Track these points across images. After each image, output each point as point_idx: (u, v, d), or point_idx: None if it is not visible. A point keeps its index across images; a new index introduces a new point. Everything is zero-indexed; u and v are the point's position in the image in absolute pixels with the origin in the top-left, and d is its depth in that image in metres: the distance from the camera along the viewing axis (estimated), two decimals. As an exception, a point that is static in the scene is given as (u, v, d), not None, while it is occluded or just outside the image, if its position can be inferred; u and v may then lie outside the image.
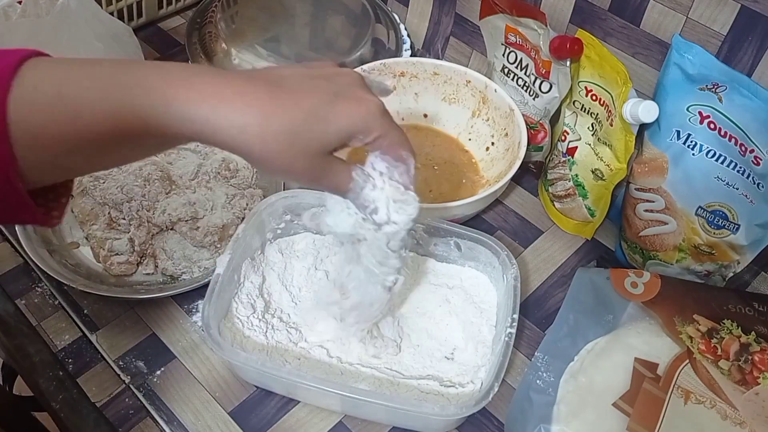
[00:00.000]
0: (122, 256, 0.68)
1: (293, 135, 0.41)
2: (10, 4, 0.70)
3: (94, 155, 0.42)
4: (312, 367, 0.61)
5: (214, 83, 0.40)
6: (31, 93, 0.38)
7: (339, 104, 0.43)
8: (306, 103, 0.42)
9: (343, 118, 0.43)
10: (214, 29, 0.87)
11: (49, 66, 0.40)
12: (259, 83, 0.41)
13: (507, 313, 0.59)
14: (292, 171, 0.43)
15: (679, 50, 0.64)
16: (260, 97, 0.40)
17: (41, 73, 0.39)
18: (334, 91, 0.43)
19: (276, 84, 0.42)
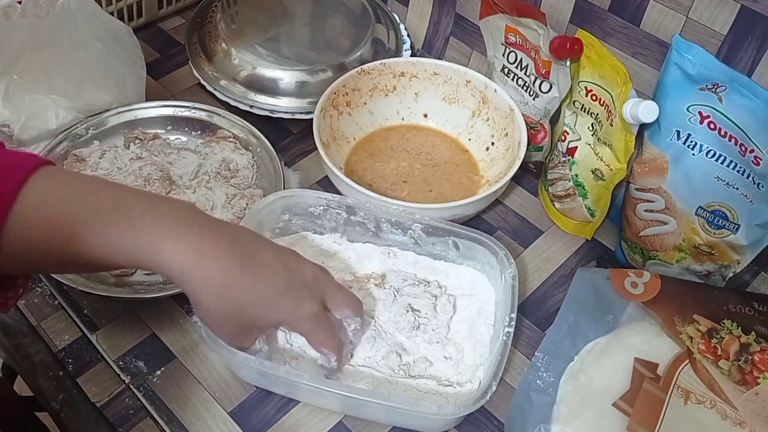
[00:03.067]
0: (122, 256, 0.68)
1: (241, 308, 0.49)
2: (10, 4, 0.70)
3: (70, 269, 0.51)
4: (311, 366, 0.61)
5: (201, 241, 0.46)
6: (32, 213, 0.42)
7: (284, 300, 0.51)
8: (262, 288, 0.49)
9: (280, 313, 0.51)
10: (214, 29, 0.87)
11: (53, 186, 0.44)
12: (236, 254, 0.48)
13: (505, 312, 0.59)
14: (221, 329, 0.52)
15: (679, 50, 0.64)
16: (231, 268, 0.47)
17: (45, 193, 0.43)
18: (286, 285, 0.51)
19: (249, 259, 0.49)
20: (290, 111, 0.83)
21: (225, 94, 0.83)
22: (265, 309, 0.50)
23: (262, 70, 0.83)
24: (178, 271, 0.46)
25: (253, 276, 0.49)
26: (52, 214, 0.43)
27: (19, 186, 0.42)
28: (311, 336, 0.55)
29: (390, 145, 0.81)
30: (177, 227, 0.45)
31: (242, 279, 0.48)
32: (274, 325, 0.53)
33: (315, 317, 0.53)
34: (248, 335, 0.53)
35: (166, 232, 0.45)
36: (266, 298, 0.50)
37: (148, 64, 0.82)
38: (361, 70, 0.79)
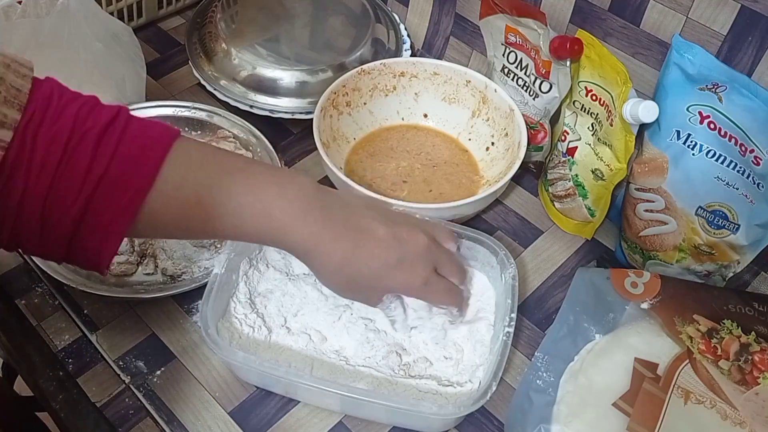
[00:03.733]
0: (122, 256, 0.68)
1: (354, 280, 0.54)
2: (10, 4, 0.70)
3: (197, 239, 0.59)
4: (311, 366, 0.61)
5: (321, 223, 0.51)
6: (172, 191, 0.45)
7: (396, 272, 0.54)
8: (375, 264, 0.53)
9: (393, 283, 0.55)
10: (214, 29, 0.87)
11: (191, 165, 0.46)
12: (350, 233, 0.52)
13: (505, 312, 0.59)
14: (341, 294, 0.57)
15: (679, 50, 0.64)
16: (346, 247, 0.52)
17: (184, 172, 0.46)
18: (398, 257, 0.54)
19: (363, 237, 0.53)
20: (290, 111, 0.83)
21: (225, 94, 0.83)
22: (377, 282, 0.54)
23: (262, 70, 0.83)
24: (302, 251, 0.51)
25: (367, 253, 0.53)
26: (191, 195, 0.46)
27: (159, 162, 0.44)
28: (427, 300, 0.59)
29: (390, 145, 0.81)
30: (303, 213, 0.50)
31: (356, 257, 0.52)
32: (388, 293, 0.57)
33: (426, 284, 0.56)
34: (371, 297, 0.57)
35: (293, 218, 0.50)
36: (378, 272, 0.54)
37: (148, 64, 0.82)
38: (361, 70, 0.79)
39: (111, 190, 0.42)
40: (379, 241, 0.53)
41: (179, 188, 0.45)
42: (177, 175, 0.45)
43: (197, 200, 0.46)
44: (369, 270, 0.53)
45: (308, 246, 0.51)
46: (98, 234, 0.43)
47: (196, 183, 0.46)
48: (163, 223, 0.46)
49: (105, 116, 0.44)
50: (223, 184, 0.48)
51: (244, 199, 0.48)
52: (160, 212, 0.45)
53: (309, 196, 0.51)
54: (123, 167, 0.43)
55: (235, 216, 0.48)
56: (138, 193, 0.43)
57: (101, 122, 0.43)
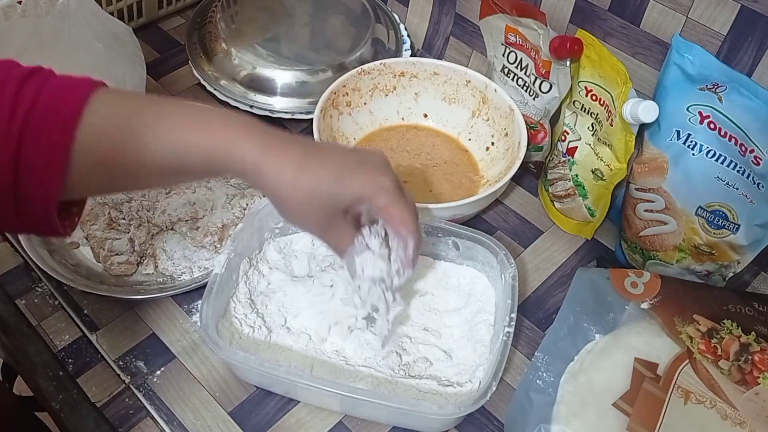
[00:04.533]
0: (122, 256, 0.68)
1: (316, 189, 0.49)
2: (10, 4, 0.70)
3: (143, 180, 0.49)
4: (311, 366, 0.61)
5: (265, 136, 0.48)
6: (101, 122, 0.43)
7: (358, 173, 0.50)
8: (332, 166, 0.49)
9: (357, 185, 0.50)
10: (214, 29, 0.87)
11: (118, 99, 0.45)
12: (299, 144, 0.49)
13: (505, 312, 0.59)
14: (308, 218, 0.51)
15: (679, 50, 0.64)
16: (298, 154, 0.48)
17: (112, 106, 0.44)
18: (357, 162, 0.50)
19: (312, 148, 0.50)
20: (290, 111, 0.83)
21: (225, 94, 0.83)
22: (339, 185, 0.49)
23: (262, 70, 0.83)
24: (250, 164, 0.47)
25: (321, 158, 0.49)
26: (122, 123, 0.44)
27: (85, 98, 0.43)
28: (391, 211, 0.51)
29: (390, 145, 0.81)
30: (244, 127, 0.47)
31: (311, 162, 0.48)
32: (354, 201, 0.50)
33: (395, 190, 0.51)
34: (337, 226, 0.52)
35: (235, 131, 0.47)
36: (339, 173, 0.49)
37: (148, 64, 0.82)
38: (361, 70, 0.79)
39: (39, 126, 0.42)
40: (334, 149, 0.52)
41: (108, 119, 0.43)
42: (105, 107, 0.44)
43: (128, 128, 0.44)
44: (328, 174, 0.49)
45: (256, 159, 0.47)
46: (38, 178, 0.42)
47: (126, 112, 0.44)
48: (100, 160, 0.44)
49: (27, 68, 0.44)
50: (156, 110, 0.45)
51: (179, 118, 0.46)
52: (93, 147, 0.43)
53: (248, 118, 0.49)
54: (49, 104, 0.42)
55: (171, 138, 0.45)
56: (66, 126, 0.42)
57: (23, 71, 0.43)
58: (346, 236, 0.53)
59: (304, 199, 0.49)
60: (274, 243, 0.68)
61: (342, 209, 0.51)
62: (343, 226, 0.52)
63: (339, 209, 0.51)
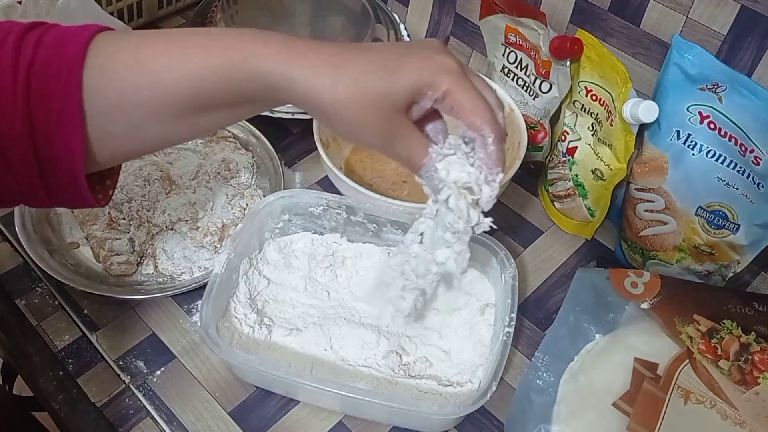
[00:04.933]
0: (122, 256, 0.68)
1: (362, 86, 0.41)
2: (10, 4, 0.71)
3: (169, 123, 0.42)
4: (311, 366, 0.61)
5: (287, 42, 0.41)
6: (107, 60, 0.39)
7: (409, 58, 0.42)
8: (375, 57, 0.42)
9: (412, 70, 0.42)
10: (214, 29, 0.87)
11: (122, 36, 0.41)
12: (330, 44, 0.42)
13: (505, 312, 0.59)
14: (364, 126, 0.42)
15: (679, 50, 0.64)
16: (332, 53, 0.41)
17: (116, 42, 0.40)
18: (405, 49, 0.43)
19: (349, 45, 0.43)
20: (290, 111, 0.83)
21: (225, 94, 0.83)
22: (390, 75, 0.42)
23: (262, 70, 0.83)
24: (278, 75, 0.40)
25: (362, 52, 0.42)
26: (128, 57, 0.40)
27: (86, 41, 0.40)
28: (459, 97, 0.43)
29: (390, 145, 0.81)
30: (262, 35, 0.41)
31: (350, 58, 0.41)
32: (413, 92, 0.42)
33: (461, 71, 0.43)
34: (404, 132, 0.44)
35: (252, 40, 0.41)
36: (386, 63, 0.42)
37: (148, 64, 0.82)
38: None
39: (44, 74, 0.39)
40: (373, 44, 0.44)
41: (113, 56, 0.40)
42: (109, 45, 0.40)
43: (136, 61, 0.40)
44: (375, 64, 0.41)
45: (283, 67, 0.40)
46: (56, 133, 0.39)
47: (131, 45, 0.40)
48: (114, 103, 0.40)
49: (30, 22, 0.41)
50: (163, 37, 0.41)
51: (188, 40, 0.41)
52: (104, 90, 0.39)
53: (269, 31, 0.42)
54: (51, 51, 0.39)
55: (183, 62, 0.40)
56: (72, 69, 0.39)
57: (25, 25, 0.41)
58: (418, 144, 0.45)
59: (352, 103, 0.41)
60: (274, 243, 0.68)
61: (402, 107, 0.43)
62: (412, 131, 0.44)
63: (398, 107, 0.43)
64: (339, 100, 0.41)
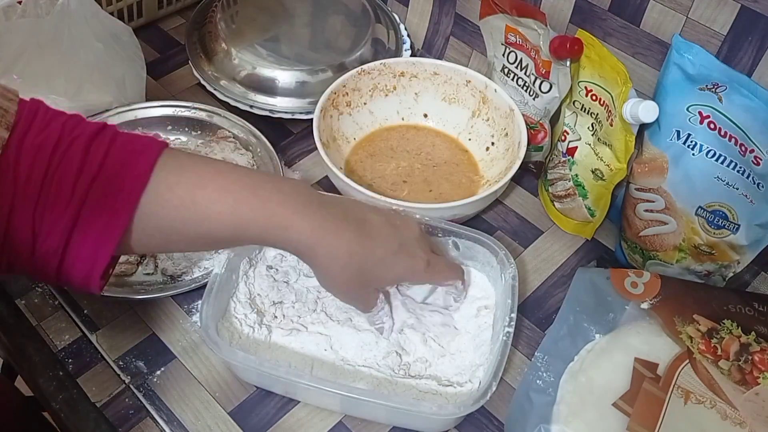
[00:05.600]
0: (122, 256, 0.68)
1: (364, 272, 0.53)
2: (10, 4, 0.70)
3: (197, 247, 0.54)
4: (311, 366, 0.61)
5: (321, 217, 0.50)
6: (166, 191, 0.44)
7: (400, 258, 0.55)
8: (379, 252, 0.53)
9: (399, 269, 0.55)
10: (214, 29, 0.87)
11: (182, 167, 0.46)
12: (351, 225, 0.52)
13: (505, 312, 0.59)
14: (348, 293, 0.56)
15: (679, 50, 0.64)
16: (351, 238, 0.51)
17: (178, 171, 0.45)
18: (399, 243, 0.55)
19: (363, 227, 0.53)
20: (290, 111, 0.83)
21: (225, 94, 0.83)
22: (385, 270, 0.55)
23: (262, 70, 0.83)
24: (305, 247, 0.50)
25: (371, 242, 0.53)
26: (185, 195, 0.45)
27: (152, 165, 0.43)
28: (432, 280, 0.61)
29: (390, 145, 0.81)
30: (302, 206, 0.49)
31: (362, 247, 0.52)
32: (394, 282, 0.59)
33: (429, 266, 0.57)
34: (370, 296, 0.58)
35: (292, 211, 0.49)
36: (385, 259, 0.54)
37: (148, 64, 0.82)
38: (361, 70, 0.79)
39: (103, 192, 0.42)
40: (379, 230, 0.54)
41: (173, 188, 0.45)
42: (170, 175, 0.45)
43: (192, 200, 0.45)
44: (375, 259, 0.53)
45: (311, 241, 0.50)
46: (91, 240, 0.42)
47: (189, 183, 0.46)
48: (158, 227, 0.45)
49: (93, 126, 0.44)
50: (218, 183, 0.47)
51: (240, 195, 0.47)
52: (155, 214, 0.44)
53: (305, 192, 0.51)
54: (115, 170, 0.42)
55: (232, 214, 0.47)
56: (132, 193, 0.43)
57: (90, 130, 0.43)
58: (371, 302, 0.58)
59: (351, 279, 0.53)
60: (274, 243, 0.68)
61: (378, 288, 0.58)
62: (373, 295, 0.58)
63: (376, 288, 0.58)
64: (343, 277, 0.53)
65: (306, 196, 0.50)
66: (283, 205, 0.48)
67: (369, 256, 0.53)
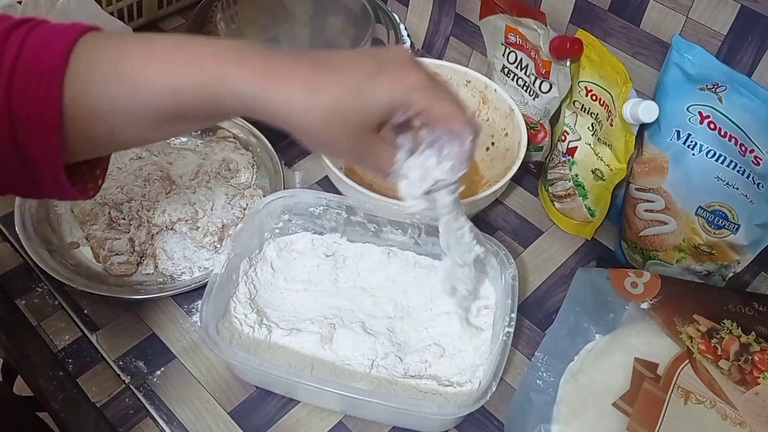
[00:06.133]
0: (122, 256, 0.68)
1: (335, 110, 0.42)
2: (10, 4, 0.70)
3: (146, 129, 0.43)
4: (311, 366, 0.61)
5: (263, 61, 0.42)
6: (87, 71, 0.40)
7: (379, 79, 0.43)
8: (347, 80, 0.43)
9: (383, 93, 0.43)
10: (214, 29, 0.87)
11: (104, 42, 0.41)
12: (304, 62, 0.43)
13: (505, 312, 0.59)
14: (336, 145, 0.45)
15: (679, 50, 0.64)
16: (305, 75, 0.42)
17: (97, 50, 0.41)
18: (375, 67, 0.44)
19: (321, 62, 0.43)
20: (290, 111, 0.83)
21: (225, 94, 0.83)
22: (363, 99, 0.43)
23: (262, 70, 0.83)
24: (251, 97, 0.42)
25: (333, 72, 0.43)
26: (107, 68, 0.40)
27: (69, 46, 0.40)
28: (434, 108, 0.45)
29: (390, 145, 0.81)
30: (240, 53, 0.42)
31: (322, 80, 0.42)
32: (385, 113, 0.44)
33: (429, 84, 0.45)
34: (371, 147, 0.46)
35: (229, 60, 0.41)
36: (358, 85, 0.43)
37: (148, 64, 0.82)
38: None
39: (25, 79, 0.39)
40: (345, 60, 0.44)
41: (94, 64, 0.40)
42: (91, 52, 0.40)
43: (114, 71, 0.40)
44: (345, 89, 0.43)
45: (255, 88, 0.41)
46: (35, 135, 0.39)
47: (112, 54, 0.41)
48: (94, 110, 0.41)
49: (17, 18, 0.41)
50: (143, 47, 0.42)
51: (167, 53, 0.41)
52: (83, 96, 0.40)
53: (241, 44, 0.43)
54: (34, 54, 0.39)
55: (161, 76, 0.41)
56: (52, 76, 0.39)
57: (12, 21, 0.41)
58: (386, 155, 0.47)
59: (325, 126, 0.43)
60: (274, 243, 0.68)
61: (373, 127, 0.45)
62: (380, 144, 0.46)
63: (369, 128, 0.45)
64: (312, 124, 0.43)
65: (244, 45, 0.43)
66: (218, 55, 0.42)
67: (335, 87, 0.42)
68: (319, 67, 0.43)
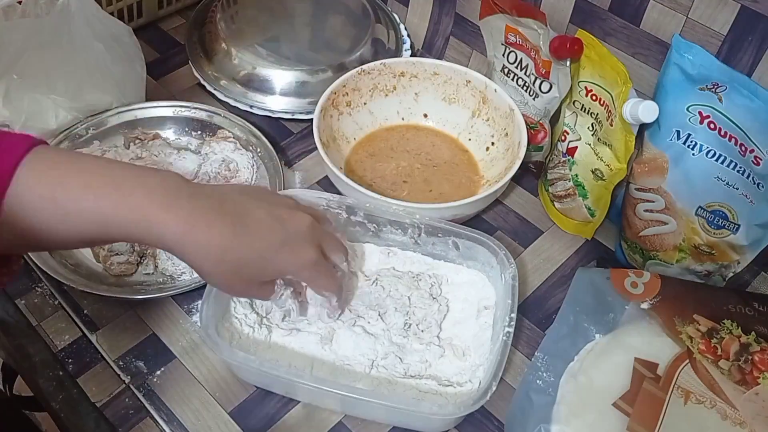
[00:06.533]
0: (122, 256, 0.68)
1: (241, 268, 0.51)
2: (10, 4, 0.70)
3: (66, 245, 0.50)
4: (311, 366, 0.61)
5: (190, 209, 0.47)
6: (26, 193, 0.43)
7: (282, 252, 0.52)
8: (257, 245, 0.51)
9: (282, 263, 0.53)
10: (214, 29, 0.87)
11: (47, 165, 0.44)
12: (226, 218, 0.49)
13: (505, 312, 0.59)
14: (231, 290, 0.55)
15: (679, 50, 0.64)
16: (224, 233, 0.48)
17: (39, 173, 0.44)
18: (282, 239, 0.52)
19: (240, 220, 0.50)
20: (290, 111, 0.83)
21: (225, 94, 0.83)
22: (265, 264, 0.52)
23: (262, 70, 0.83)
24: (172, 242, 0.47)
25: (248, 236, 0.50)
26: (46, 194, 0.44)
27: (14, 167, 0.42)
28: (314, 282, 0.58)
29: (390, 145, 0.81)
30: (169, 199, 0.46)
31: (237, 242, 0.49)
32: (280, 275, 0.55)
33: (315, 264, 0.55)
34: (260, 288, 0.55)
35: (158, 205, 0.46)
36: (264, 254, 0.51)
37: (148, 64, 0.82)
38: (361, 70, 0.79)
39: None
40: (259, 222, 0.51)
41: (32, 188, 0.43)
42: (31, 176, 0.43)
43: (52, 197, 0.44)
44: (254, 254, 0.50)
45: (178, 236, 0.47)
46: None
47: (51, 181, 0.44)
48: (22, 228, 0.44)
49: None
50: (81, 179, 0.45)
51: (102, 191, 0.45)
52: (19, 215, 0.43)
53: (174, 185, 0.48)
54: None
55: (94, 211, 0.45)
56: None
57: None
58: (268, 293, 0.56)
59: (229, 276, 0.51)
60: (274, 243, 0.68)
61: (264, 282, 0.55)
62: (267, 285, 0.56)
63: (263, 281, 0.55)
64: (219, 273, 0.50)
65: (175, 189, 0.47)
66: (149, 198, 0.46)
67: (246, 251, 0.50)
68: (237, 229, 0.49)
